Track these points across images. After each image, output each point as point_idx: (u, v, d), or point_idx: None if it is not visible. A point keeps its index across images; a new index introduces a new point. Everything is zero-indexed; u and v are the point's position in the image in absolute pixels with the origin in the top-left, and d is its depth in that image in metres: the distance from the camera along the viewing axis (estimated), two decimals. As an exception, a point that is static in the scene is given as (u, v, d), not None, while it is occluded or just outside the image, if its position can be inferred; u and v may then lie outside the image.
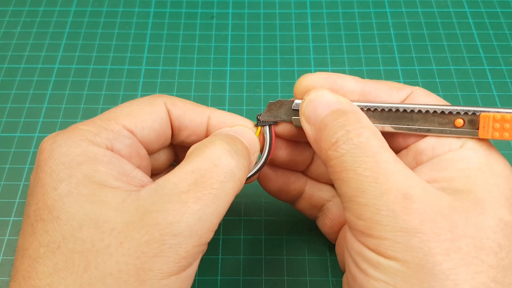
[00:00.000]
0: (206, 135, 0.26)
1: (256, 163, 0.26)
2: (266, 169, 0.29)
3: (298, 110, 0.25)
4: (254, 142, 0.26)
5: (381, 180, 0.19)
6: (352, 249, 0.21)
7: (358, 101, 0.25)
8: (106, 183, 0.20)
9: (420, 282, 0.18)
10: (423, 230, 0.18)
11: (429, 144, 0.23)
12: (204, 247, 0.21)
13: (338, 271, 0.32)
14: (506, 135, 0.20)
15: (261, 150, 0.27)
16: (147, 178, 0.23)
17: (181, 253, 0.19)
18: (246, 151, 0.24)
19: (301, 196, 0.30)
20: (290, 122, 0.26)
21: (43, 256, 0.19)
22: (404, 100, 0.25)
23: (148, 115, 0.24)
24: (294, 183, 0.29)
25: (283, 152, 0.28)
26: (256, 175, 0.27)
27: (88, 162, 0.21)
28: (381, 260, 0.19)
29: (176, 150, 0.29)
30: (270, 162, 0.28)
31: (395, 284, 0.18)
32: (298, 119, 0.25)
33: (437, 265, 0.18)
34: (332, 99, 0.23)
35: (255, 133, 0.26)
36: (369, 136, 0.21)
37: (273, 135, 0.27)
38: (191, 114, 0.26)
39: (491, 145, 0.22)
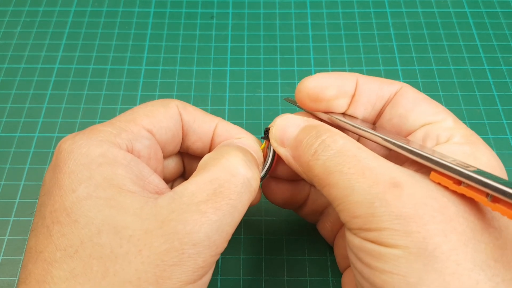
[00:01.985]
0: (211, 143, 0.27)
1: None
2: (272, 184, 0.29)
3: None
4: (259, 154, 0.26)
5: (367, 174, 0.20)
6: (354, 246, 0.21)
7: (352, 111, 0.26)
8: (124, 187, 0.20)
9: (423, 265, 0.18)
10: (418, 214, 0.18)
11: (419, 136, 0.24)
12: (219, 256, 0.21)
13: (338, 271, 0.32)
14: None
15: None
16: (162, 184, 0.23)
17: (199, 263, 0.19)
18: (256, 162, 0.24)
19: (305, 202, 0.30)
20: None
21: (60, 260, 0.19)
22: (394, 95, 0.25)
23: (163, 115, 0.25)
24: (300, 192, 0.29)
25: (286, 167, 0.28)
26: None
27: (108, 164, 0.21)
28: (383, 250, 0.19)
29: (184, 161, 0.29)
30: (274, 176, 0.29)
31: (400, 272, 0.18)
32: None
33: (437, 247, 0.18)
34: (298, 119, 0.25)
35: (261, 146, 0.27)
36: (345, 141, 0.21)
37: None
38: (200, 121, 0.26)
39: (478, 138, 0.23)
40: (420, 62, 0.43)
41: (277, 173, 0.28)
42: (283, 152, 0.25)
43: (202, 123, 0.26)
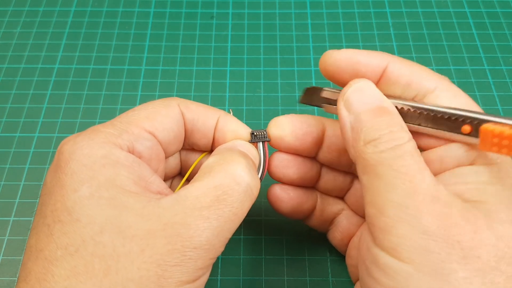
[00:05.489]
0: (213, 139, 0.27)
1: None
2: (277, 190, 0.28)
3: (326, 98, 0.25)
4: (256, 159, 0.26)
5: (416, 180, 0.19)
6: (367, 257, 0.20)
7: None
8: (127, 187, 0.20)
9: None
10: (445, 235, 0.18)
11: (437, 154, 0.22)
12: (216, 259, 0.21)
13: (338, 271, 0.32)
14: (504, 151, 0.19)
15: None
16: (163, 185, 0.23)
17: (199, 265, 0.20)
18: (255, 168, 0.25)
19: (313, 212, 0.30)
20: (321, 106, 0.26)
21: (60, 258, 0.19)
22: (433, 91, 0.23)
23: (165, 117, 0.24)
24: (307, 201, 0.29)
25: (290, 170, 0.28)
26: None
27: (110, 165, 0.21)
28: (396, 264, 0.19)
29: (180, 157, 0.29)
30: (279, 181, 0.28)
31: None
32: (330, 107, 0.25)
33: (453, 273, 0.18)
34: (379, 95, 0.22)
35: None
36: (408, 141, 0.21)
37: (267, 152, 0.27)
38: (204, 118, 0.26)
39: (505, 159, 0.22)
40: (420, 62, 0.43)
41: (282, 178, 0.28)
42: (345, 116, 0.22)
43: (206, 120, 0.26)
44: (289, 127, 0.27)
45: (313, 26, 0.46)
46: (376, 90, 0.23)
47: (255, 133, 0.27)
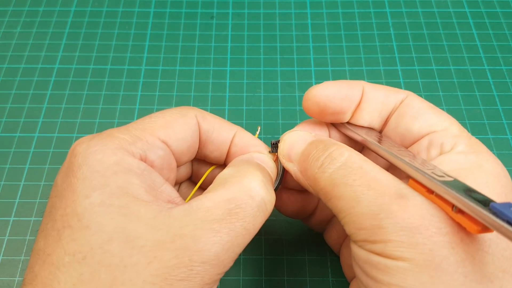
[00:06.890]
0: (228, 152, 0.27)
1: None
2: (283, 195, 0.29)
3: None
4: (274, 171, 0.26)
5: (373, 185, 0.20)
6: (359, 259, 0.21)
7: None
8: (138, 196, 0.20)
9: (430, 278, 0.18)
10: (424, 225, 0.18)
11: (424, 145, 0.23)
12: (223, 274, 0.21)
13: (338, 271, 0.32)
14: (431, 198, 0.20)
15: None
16: (174, 193, 0.23)
17: (205, 280, 0.19)
18: (272, 181, 0.25)
19: (314, 212, 0.30)
20: None
21: (68, 265, 0.18)
22: (400, 104, 0.25)
23: (181, 126, 0.24)
24: (310, 202, 0.29)
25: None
26: None
27: (122, 172, 0.20)
28: (389, 262, 0.19)
29: (192, 164, 0.29)
30: (285, 187, 0.29)
31: (406, 285, 0.18)
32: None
33: (444, 259, 0.18)
34: (306, 134, 0.25)
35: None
36: (350, 153, 0.22)
37: None
38: (219, 130, 0.26)
39: (482, 147, 0.22)
40: (420, 62, 0.43)
41: (287, 184, 0.29)
42: (291, 167, 0.25)
43: (220, 133, 0.26)
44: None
45: (313, 26, 0.46)
46: (302, 133, 0.25)
47: (275, 143, 0.26)
